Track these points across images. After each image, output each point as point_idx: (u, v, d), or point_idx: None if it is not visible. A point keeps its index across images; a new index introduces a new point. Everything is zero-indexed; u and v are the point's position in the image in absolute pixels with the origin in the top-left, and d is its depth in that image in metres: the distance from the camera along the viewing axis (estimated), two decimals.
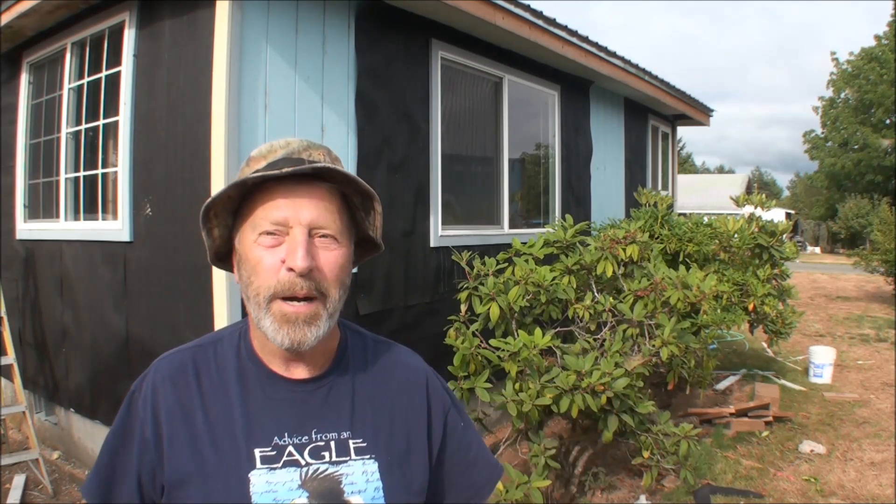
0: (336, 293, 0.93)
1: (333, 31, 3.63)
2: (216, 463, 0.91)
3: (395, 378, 1.05)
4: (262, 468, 0.90)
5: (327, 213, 0.92)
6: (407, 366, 1.08)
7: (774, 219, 5.68)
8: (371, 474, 0.94)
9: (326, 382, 0.99)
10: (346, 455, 0.95)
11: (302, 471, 0.92)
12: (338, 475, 0.93)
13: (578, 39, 5.41)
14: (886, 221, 12.78)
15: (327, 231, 0.91)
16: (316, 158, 0.94)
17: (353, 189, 0.97)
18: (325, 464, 0.93)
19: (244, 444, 0.92)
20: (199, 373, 0.97)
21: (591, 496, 3.80)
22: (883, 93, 27.83)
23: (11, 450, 4.23)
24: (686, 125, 9.66)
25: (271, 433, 0.93)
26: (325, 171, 0.91)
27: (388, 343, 1.11)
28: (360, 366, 1.03)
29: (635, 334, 3.38)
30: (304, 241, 0.89)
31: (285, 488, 0.90)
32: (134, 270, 3.60)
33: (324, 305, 0.91)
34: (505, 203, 5.21)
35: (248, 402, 0.95)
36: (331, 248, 0.92)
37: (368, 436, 0.97)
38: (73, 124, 4.18)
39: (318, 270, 0.90)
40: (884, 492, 3.89)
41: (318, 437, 0.95)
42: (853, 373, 6.91)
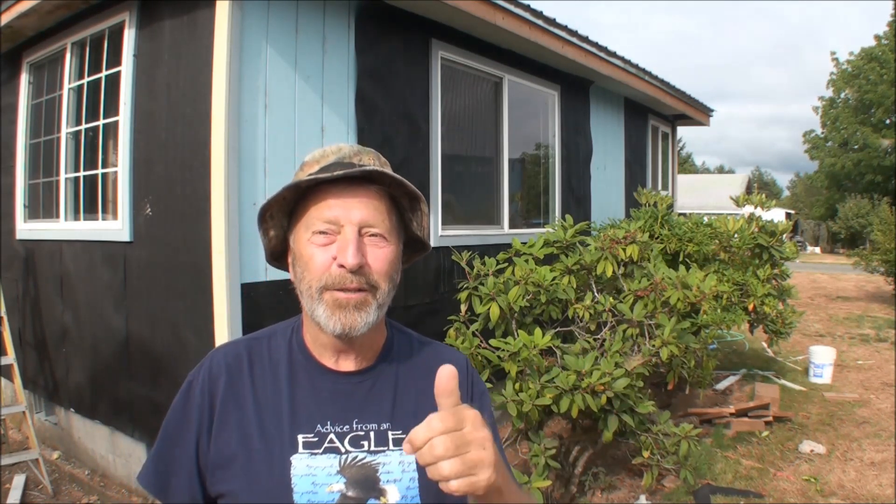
0: (385, 286, 0.98)
1: (333, 31, 3.63)
2: (262, 446, 0.97)
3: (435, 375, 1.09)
4: (304, 453, 0.96)
5: (377, 212, 0.97)
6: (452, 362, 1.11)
7: (774, 219, 5.68)
8: (408, 465, 0.98)
9: (371, 376, 1.04)
10: (384, 445, 0.99)
11: (341, 458, 0.97)
12: (374, 464, 0.98)
13: (578, 39, 5.41)
14: (886, 221, 12.78)
15: (376, 230, 0.97)
16: (366, 162, 1.00)
17: (401, 191, 1.02)
18: (363, 452, 0.98)
19: (289, 430, 0.98)
20: (252, 363, 1.03)
21: (591, 496, 3.80)
22: (883, 93, 27.84)
23: (11, 450, 4.23)
24: (686, 125, 9.66)
25: (315, 421, 0.99)
26: (376, 174, 0.97)
27: (432, 342, 1.16)
28: (405, 362, 1.08)
29: (635, 334, 3.38)
30: (354, 239, 0.94)
31: (324, 473, 0.96)
32: (134, 270, 3.60)
33: (374, 296, 0.96)
34: (505, 203, 5.21)
35: (296, 391, 1.01)
36: (380, 246, 0.97)
37: (409, 428, 0.99)
38: (73, 124, 4.18)
39: (367, 266, 0.95)
40: (884, 492, 3.89)
41: (359, 427, 1.00)
42: (853, 373, 6.91)
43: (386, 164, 1.02)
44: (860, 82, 29.18)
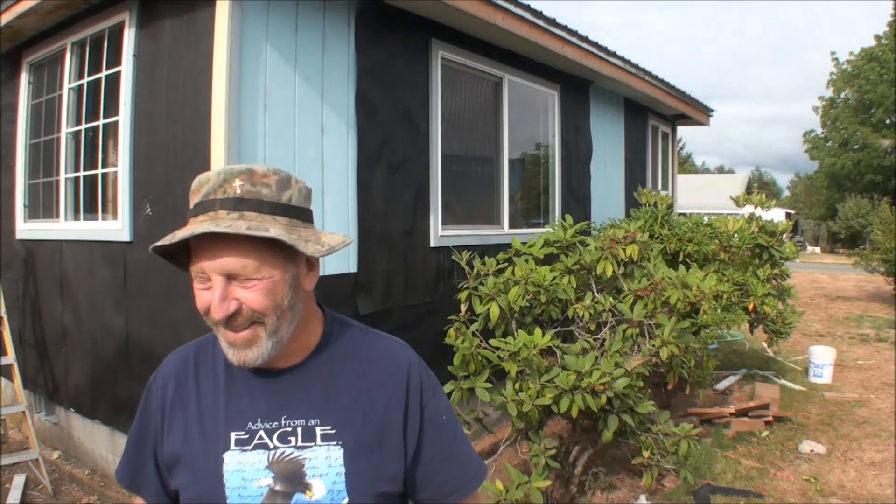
0: (271, 316, 0.97)
1: (333, 31, 3.63)
2: (201, 444, 1.03)
3: (375, 368, 1.09)
4: (235, 450, 1.01)
5: (240, 258, 0.93)
6: (390, 357, 1.11)
7: (774, 219, 5.68)
8: (335, 460, 1.01)
9: (302, 372, 1.06)
10: (311, 441, 1.01)
11: (269, 453, 1.01)
12: (301, 459, 1.00)
13: (578, 39, 5.41)
14: (886, 221, 12.77)
15: (241, 275, 0.94)
16: (230, 193, 0.94)
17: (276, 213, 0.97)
18: (290, 448, 1.01)
19: (224, 428, 1.03)
20: (198, 366, 1.09)
21: (591, 496, 3.80)
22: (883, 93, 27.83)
23: (11, 450, 4.23)
24: (686, 125, 9.66)
25: (246, 418, 1.03)
26: (209, 235, 0.92)
27: (377, 335, 1.15)
28: (341, 357, 1.09)
29: (635, 334, 3.38)
30: (220, 291, 0.94)
31: (253, 468, 1.00)
32: (134, 270, 3.60)
33: (263, 328, 0.97)
34: (505, 203, 5.21)
35: (231, 390, 1.05)
36: (249, 287, 0.95)
37: (339, 423, 1.03)
38: (73, 124, 4.18)
39: (244, 307, 0.95)
40: (884, 492, 3.89)
41: (287, 423, 1.02)
42: (853, 373, 6.91)
43: (266, 178, 0.97)
44: (860, 82, 29.17)
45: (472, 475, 1.14)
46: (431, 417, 1.10)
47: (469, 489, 1.13)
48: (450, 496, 1.11)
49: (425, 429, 1.09)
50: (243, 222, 0.92)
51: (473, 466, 1.15)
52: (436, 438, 1.10)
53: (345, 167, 3.71)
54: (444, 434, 1.11)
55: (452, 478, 1.11)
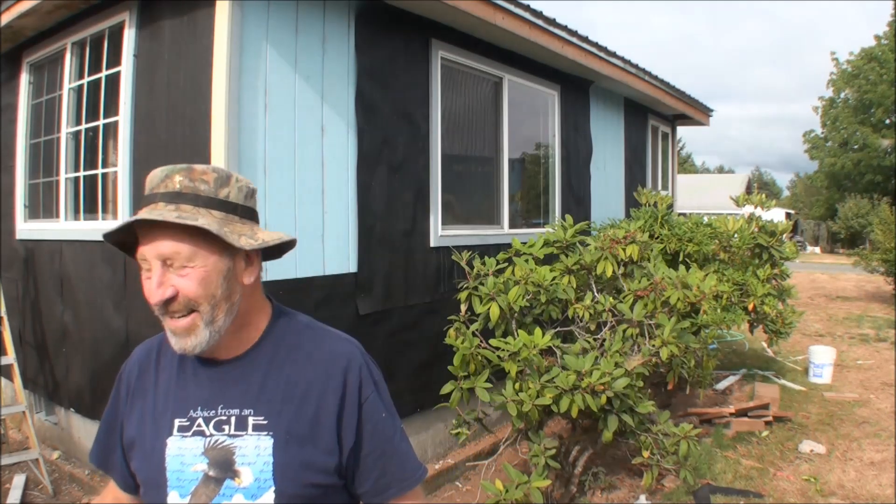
0: (206, 305, 1.03)
1: (333, 31, 3.63)
2: (151, 430, 1.11)
3: (315, 363, 1.12)
4: (177, 435, 1.08)
5: (174, 245, 1.00)
6: (330, 352, 1.14)
7: (774, 219, 5.68)
8: (263, 449, 1.05)
9: (242, 364, 1.11)
10: (243, 430, 1.06)
11: (206, 440, 1.07)
12: (232, 447, 1.06)
13: (578, 39, 5.41)
14: (886, 221, 12.77)
15: (176, 262, 1.01)
16: (170, 187, 1.03)
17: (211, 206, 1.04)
18: (224, 436, 1.07)
19: (170, 415, 1.10)
20: (160, 356, 1.18)
21: (591, 496, 3.80)
22: (883, 93, 27.84)
23: (11, 450, 4.23)
24: (686, 125, 9.66)
25: (188, 406, 1.09)
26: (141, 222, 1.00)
27: (323, 330, 1.19)
28: (281, 349, 1.13)
29: (635, 334, 3.38)
30: (157, 276, 1.01)
31: (191, 454, 1.06)
32: (134, 270, 3.60)
33: (200, 317, 1.03)
34: (505, 203, 5.21)
35: (181, 379, 1.13)
36: (183, 274, 1.01)
37: (271, 414, 1.08)
38: (73, 124, 4.18)
39: (180, 294, 1.01)
40: (884, 492, 3.89)
41: (223, 412, 1.08)
42: (853, 373, 6.91)
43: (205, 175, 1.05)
44: (860, 82, 29.17)
45: (409, 473, 1.16)
46: (370, 414, 1.12)
47: (406, 486, 1.15)
48: (386, 491, 1.14)
49: (363, 424, 1.11)
50: (176, 213, 0.99)
51: (411, 465, 1.17)
52: (374, 434, 1.12)
53: (345, 167, 3.71)
54: (382, 430, 1.13)
55: (390, 473, 1.13)
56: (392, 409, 1.17)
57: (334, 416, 1.09)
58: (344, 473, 1.11)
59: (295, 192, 3.40)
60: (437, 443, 4.39)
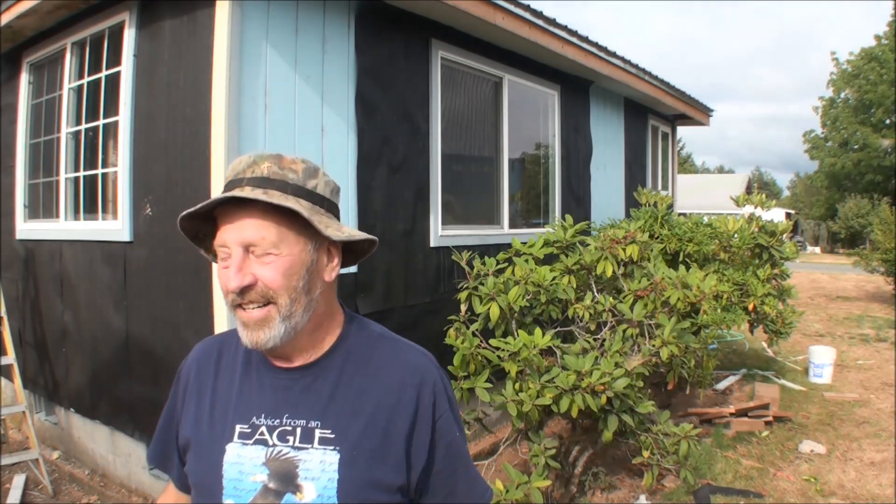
0: (285, 298, 0.98)
1: (333, 31, 3.63)
2: (208, 433, 1.06)
3: (388, 375, 1.07)
4: (237, 442, 1.03)
5: (259, 229, 0.96)
6: (405, 364, 1.09)
7: (774, 219, 5.68)
8: (329, 465, 1.00)
9: (312, 372, 1.06)
10: (308, 443, 1.01)
11: (268, 450, 1.01)
12: (296, 459, 1.00)
13: (578, 39, 5.41)
14: (886, 221, 12.78)
15: (260, 247, 0.96)
16: (258, 173, 0.99)
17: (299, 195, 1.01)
18: (288, 447, 1.01)
19: (231, 420, 1.05)
20: (220, 356, 1.13)
21: (591, 496, 3.80)
22: (883, 93, 27.85)
23: (11, 450, 4.23)
24: (686, 125, 9.66)
25: (251, 413, 1.04)
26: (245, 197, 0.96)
27: (396, 342, 1.13)
28: (354, 360, 1.08)
29: (635, 334, 3.38)
30: (237, 261, 0.96)
31: (251, 463, 1.01)
32: (134, 270, 3.60)
33: (277, 309, 0.98)
34: (505, 203, 5.21)
35: (244, 383, 1.08)
36: (266, 262, 0.97)
37: (339, 428, 1.02)
38: (73, 124, 4.18)
39: (259, 283, 0.97)
40: (884, 492, 3.89)
41: (288, 422, 1.02)
42: (853, 373, 6.91)
43: (294, 164, 1.01)
44: (860, 82, 29.19)
45: (478, 494, 1.12)
46: (444, 432, 1.07)
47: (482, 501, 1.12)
48: None
49: (436, 442, 1.06)
50: (266, 196, 0.95)
51: (480, 487, 1.14)
52: (447, 454, 1.08)
53: (345, 167, 3.71)
54: (455, 450, 1.09)
55: (459, 494, 1.09)
56: (462, 428, 1.13)
57: (405, 434, 1.03)
58: (411, 493, 1.06)
59: None
60: None
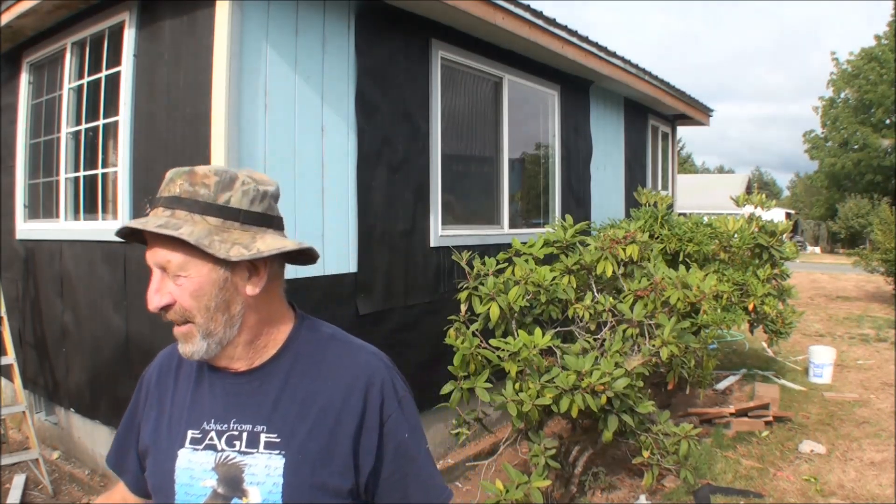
0: (201, 317, 0.99)
1: (333, 31, 3.63)
2: (165, 439, 1.08)
3: (336, 377, 1.06)
4: (189, 447, 1.04)
5: (166, 253, 0.98)
6: (354, 366, 1.08)
7: (774, 219, 5.68)
8: (274, 469, 1.00)
9: (259, 376, 1.06)
10: (254, 447, 1.02)
11: (217, 455, 1.02)
12: (242, 464, 1.01)
13: (578, 39, 5.41)
14: (886, 221, 12.78)
15: (170, 270, 0.99)
16: (172, 190, 1.00)
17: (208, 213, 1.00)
18: (235, 452, 1.02)
19: (184, 426, 1.06)
20: (180, 363, 1.14)
21: (591, 496, 3.80)
22: (883, 93, 27.85)
23: (11, 450, 4.23)
24: (686, 125, 9.66)
25: (202, 418, 1.06)
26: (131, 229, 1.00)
27: (347, 343, 1.12)
28: (302, 363, 1.07)
29: (635, 334, 3.38)
30: (155, 283, 1.00)
31: (201, 468, 1.02)
32: (134, 270, 3.60)
33: (196, 328, 1.00)
34: (505, 203, 5.21)
35: (198, 389, 1.09)
36: (178, 283, 0.99)
37: (285, 432, 1.02)
38: (73, 124, 4.18)
39: (177, 303, 0.99)
40: (884, 492, 3.89)
41: (235, 427, 1.03)
42: (853, 373, 6.91)
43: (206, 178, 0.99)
44: (860, 82, 29.19)
45: (433, 497, 1.09)
46: (392, 434, 1.06)
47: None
48: None
49: (385, 445, 1.05)
50: (167, 220, 0.97)
51: (436, 490, 1.10)
52: (396, 456, 1.06)
53: (345, 167, 3.71)
54: (405, 452, 1.07)
55: (412, 497, 1.07)
56: (418, 429, 1.10)
57: (352, 437, 1.02)
58: (361, 496, 1.05)
59: (295, 192, 3.40)
60: (437, 443, 4.39)
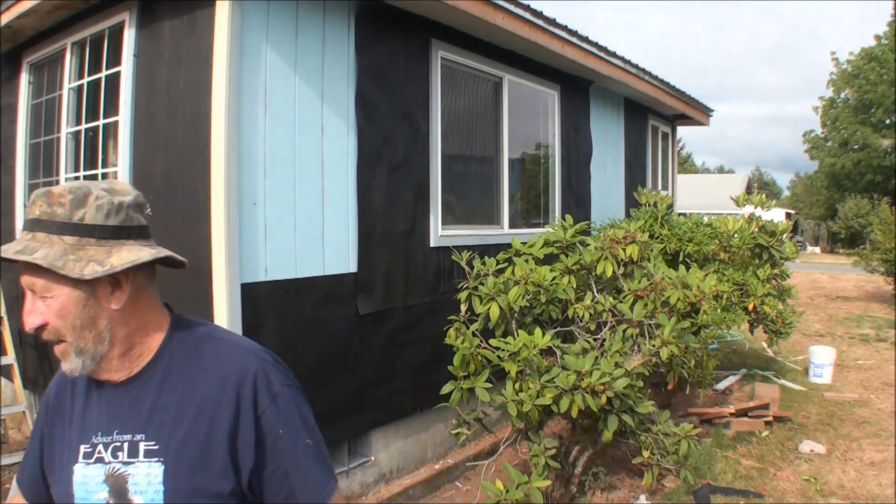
0: (70, 336, 1.01)
1: (333, 32, 3.63)
2: (65, 456, 1.08)
3: (210, 378, 1.06)
4: (82, 462, 1.05)
5: (30, 276, 1.00)
6: (227, 363, 1.07)
7: (774, 219, 5.68)
8: (154, 477, 1.01)
9: (136, 385, 1.06)
10: (135, 456, 1.02)
11: (106, 467, 1.03)
12: (126, 474, 1.02)
13: (578, 39, 5.41)
14: (886, 221, 12.78)
15: (36, 292, 1.01)
16: (33, 214, 1.02)
17: (65, 232, 1.01)
18: (119, 463, 1.03)
19: (76, 442, 1.07)
20: (75, 380, 1.12)
21: (591, 496, 3.80)
22: (883, 93, 27.84)
23: (11, 450, 4.23)
24: (686, 125, 9.66)
25: (91, 433, 1.06)
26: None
27: (219, 341, 1.12)
28: (177, 367, 1.07)
29: (635, 334, 3.38)
30: (28, 304, 1.02)
31: (94, 482, 1.03)
32: None
33: (69, 345, 1.02)
34: (505, 203, 5.21)
35: (88, 404, 1.09)
36: (46, 304, 1.01)
37: (162, 439, 1.03)
38: (73, 124, 4.18)
39: (47, 323, 1.01)
40: (884, 492, 3.89)
41: (118, 438, 1.04)
42: (853, 373, 6.91)
43: (61, 198, 1.01)
44: (860, 82, 29.18)
45: (316, 492, 1.07)
46: (269, 429, 1.04)
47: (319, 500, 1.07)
48: None
49: (263, 441, 1.04)
50: (27, 244, 0.99)
51: (315, 485, 1.07)
52: (274, 452, 1.04)
53: (345, 167, 3.71)
54: (283, 447, 1.05)
55: (299, 493, 1.05)
56: (296, 423, 1.07)
57: (227, 436, 1.02)
58: (247, 496, 1.04)
59: (295, 191, 3.41)
60: (437, 443, 4.39)
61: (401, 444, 4.13)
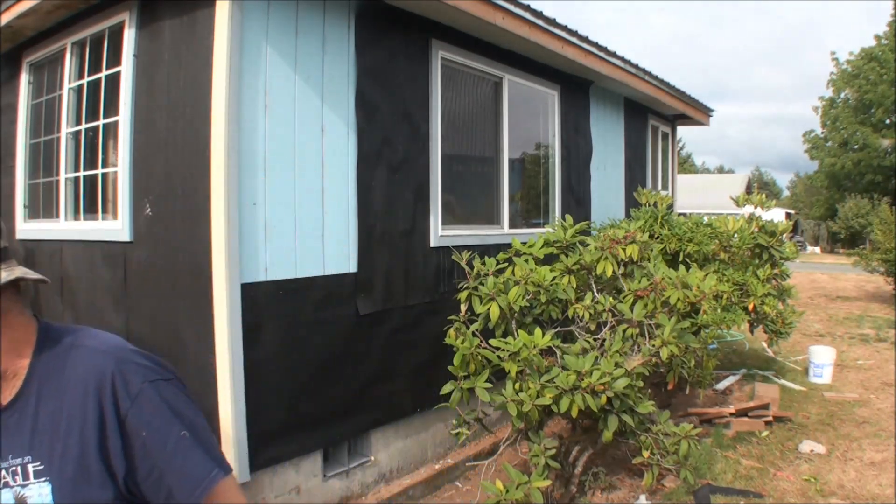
0: None
1: (333, 31, 3.63)
2: None
3: (72, 389, 1.03)
4: None
5: None
6: (85, 371, 1.04)
7: (774, 219, 5.68)
8: (44, 496, 0.99)
9: (17, 409, 1.03)
10: (27, 479, 1.00)
11: (12, 491, 1.01)
12: (25, 497, 1.00)
13: (578, 39, 5.42)
14: (886, 221, 12.78)
15: None
16: None
17: None
18: (19, 486, 1.00)
19: None
20: None
21: (591, 496, 3.80)
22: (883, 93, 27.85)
23: None
24: (686, 125, 9.66)
25: None
26: None
27: (81, 347, 1.08)
28: (47, 383, 1.04)
29: (635, 334, 3.38)
30: None
31: None
32: (134, 270, 3.60)
33: None
34: (505, 203, 5.21)
35: None
36: None
37: (45, 458, 1.01)
38: (73, 124, 4.18)
39: None
40: (884, 492, 3.89)
41: (13, 462, 1.01)
42: (853, 373, 6.91)
43: None
44: (860, 82, 29.19)
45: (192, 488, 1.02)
46: (134, 431, 1.01)
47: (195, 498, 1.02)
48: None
49: (131, 444, 1.01)
50: None
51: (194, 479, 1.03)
52: (144, 454, 1.01)
53: (345, 167, 3.71)
54: (151, 447, 1.01)
55: (174, 493, 1.02)
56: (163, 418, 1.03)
57: (97, 445, 0.99)
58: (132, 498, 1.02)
59: (295, 191, 3.41)
60: (437, 443, 4.39)
61: (401, 443, 4.13)
